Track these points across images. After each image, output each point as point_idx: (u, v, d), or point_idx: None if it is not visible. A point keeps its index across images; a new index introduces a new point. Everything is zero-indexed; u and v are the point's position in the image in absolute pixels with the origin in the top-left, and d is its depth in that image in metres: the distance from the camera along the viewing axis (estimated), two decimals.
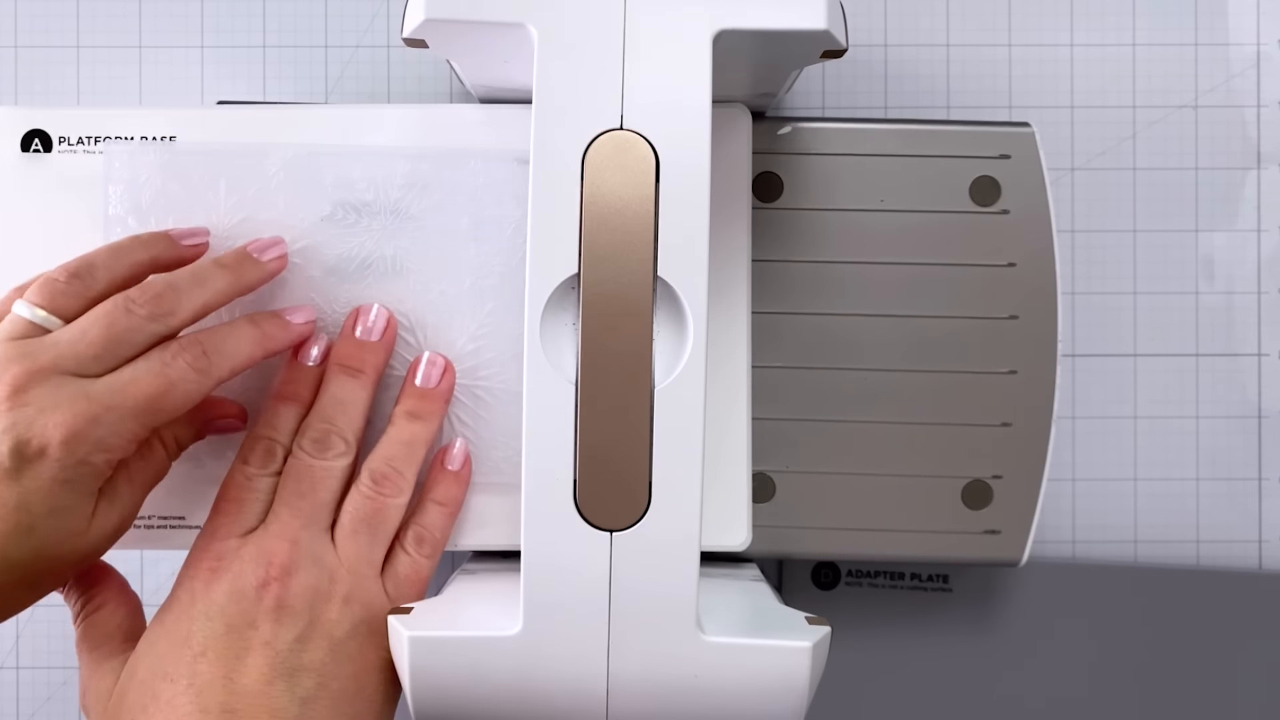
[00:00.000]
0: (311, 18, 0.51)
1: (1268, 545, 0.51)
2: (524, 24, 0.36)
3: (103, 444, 0.36)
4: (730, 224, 0.44)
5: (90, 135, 0.43)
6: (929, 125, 0.46)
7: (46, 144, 0.44)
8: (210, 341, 0.39)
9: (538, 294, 0.36)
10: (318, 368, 0.42)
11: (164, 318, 0.38)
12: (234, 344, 0.40)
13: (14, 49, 0.51)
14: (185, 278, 0.40)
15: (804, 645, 0.36)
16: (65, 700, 0.51)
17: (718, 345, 0.43)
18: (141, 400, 0.37)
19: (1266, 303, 0.51)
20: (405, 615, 0.38)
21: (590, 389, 0.36)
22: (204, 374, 0.38)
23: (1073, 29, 0.51)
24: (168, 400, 0.37)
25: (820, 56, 0.38)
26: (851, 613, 0.50)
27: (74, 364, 0.37)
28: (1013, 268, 0.46)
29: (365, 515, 0.40)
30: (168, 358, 0.38)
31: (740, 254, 0.44)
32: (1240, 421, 0.51)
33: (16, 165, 0.44)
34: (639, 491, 0.36)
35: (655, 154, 0.36)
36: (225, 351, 0.39)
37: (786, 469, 0.46)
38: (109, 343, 0.37)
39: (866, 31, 0.51)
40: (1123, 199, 0.51)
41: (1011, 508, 0.45)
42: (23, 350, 0.37)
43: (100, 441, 0.36)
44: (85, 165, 0.43)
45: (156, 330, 0.38)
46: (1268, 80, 0.51)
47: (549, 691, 0.36)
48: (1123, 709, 0.50)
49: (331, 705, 0.37)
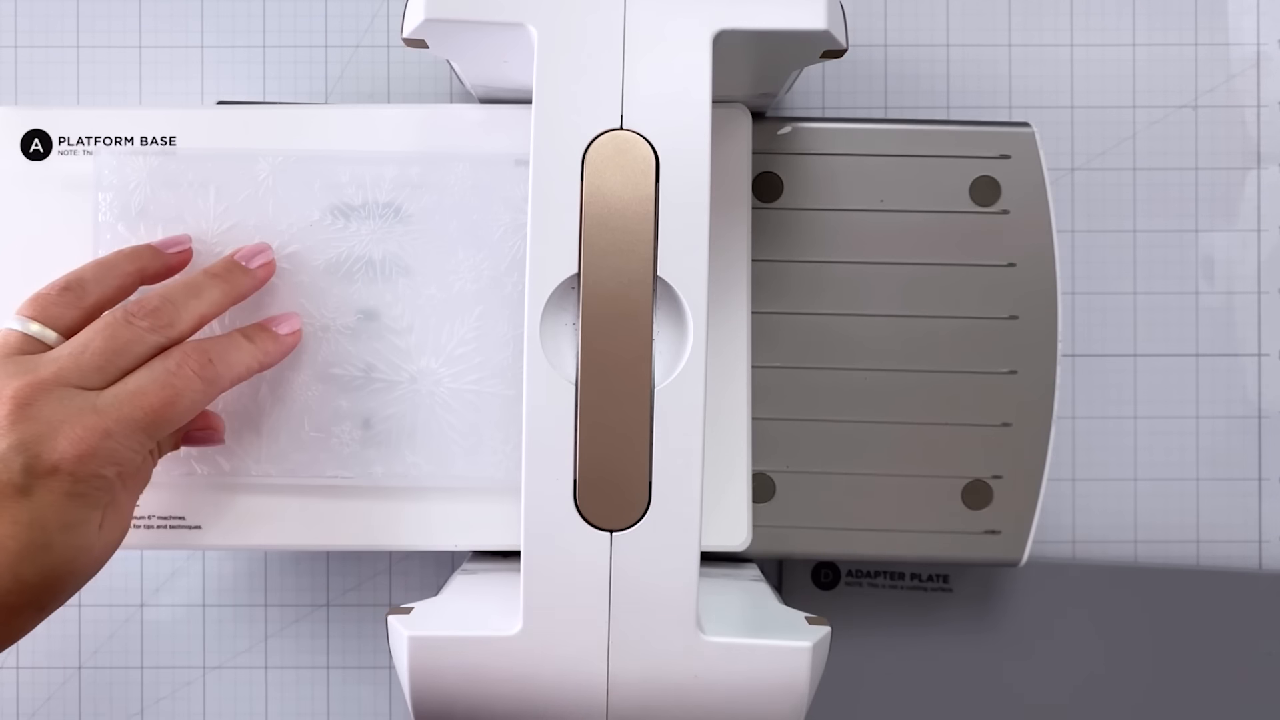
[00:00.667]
0: (311, 18, 0.51)
1: (1268, 545, 0.51)
2: (524, 24, 0.36)
3: (114, 457, 0.36)
4: (730, 224, 0.44)
5: (90, 136, 0.43)
6: (929, 125, 0.46)
7: (46, 144, 0.44)
8: (214, 350, 0.39)
9: (538, 294, 0.36)
10: None
11: (164, 329, 0.38)
12: (235, 355, 0.40)
13: (14, 49, 0.51)
14: (180, 290, 0.39)
15: (804, 645, 0.36)
16: (65, 700, 0.51)
17: (718, 345, 0.43)
18: (150, 411, 0.37)
19: (1266, 303, 0.51)
20: (405, 615, 0.38)
21: (590, 389, 0.36)
22: (210, 383, 0.38)
23: (1073, 29, 0.51)
24: (175, 410, 0.37)
25: (820, 56, 0.38)
26: (851, 613, 0.50)
27: (77, 377, 0.36)
28: (1013, 268, 0.46)
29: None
30: (172, 366, 0.38)
31: (740, 254, 0.44)
32: (1240, 421, 0.51)
33: (16, 166, 0.44)
34: (639, 491, 0.35)
35: (655, 154, 0.36)
36: (229, 361, 0.39)
37: (786, 469, 0.46)
38: (111, 354, 0.37)
39: (866, 31, 0.51)
40: (1123, 199, 0.51)
41: (1011, 508, 0.45)
42: (23, 365, 0.36)
43: (112, 454, 0.36)
44: (85, 166, 0.43)
45: (158, 342, 0.38)
46: (1268, 80, 0.51)
47: (549, 691, 0.36)
48: (1123, 709, 0.50)
49: None
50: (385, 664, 0.51)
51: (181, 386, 0.37)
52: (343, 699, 0.51)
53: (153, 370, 0.37)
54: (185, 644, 0.51)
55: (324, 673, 0.51)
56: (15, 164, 0.44)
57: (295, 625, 0.51)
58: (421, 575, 0.51)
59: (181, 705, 0.51)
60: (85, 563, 0.36)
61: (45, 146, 0.44)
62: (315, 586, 0.51)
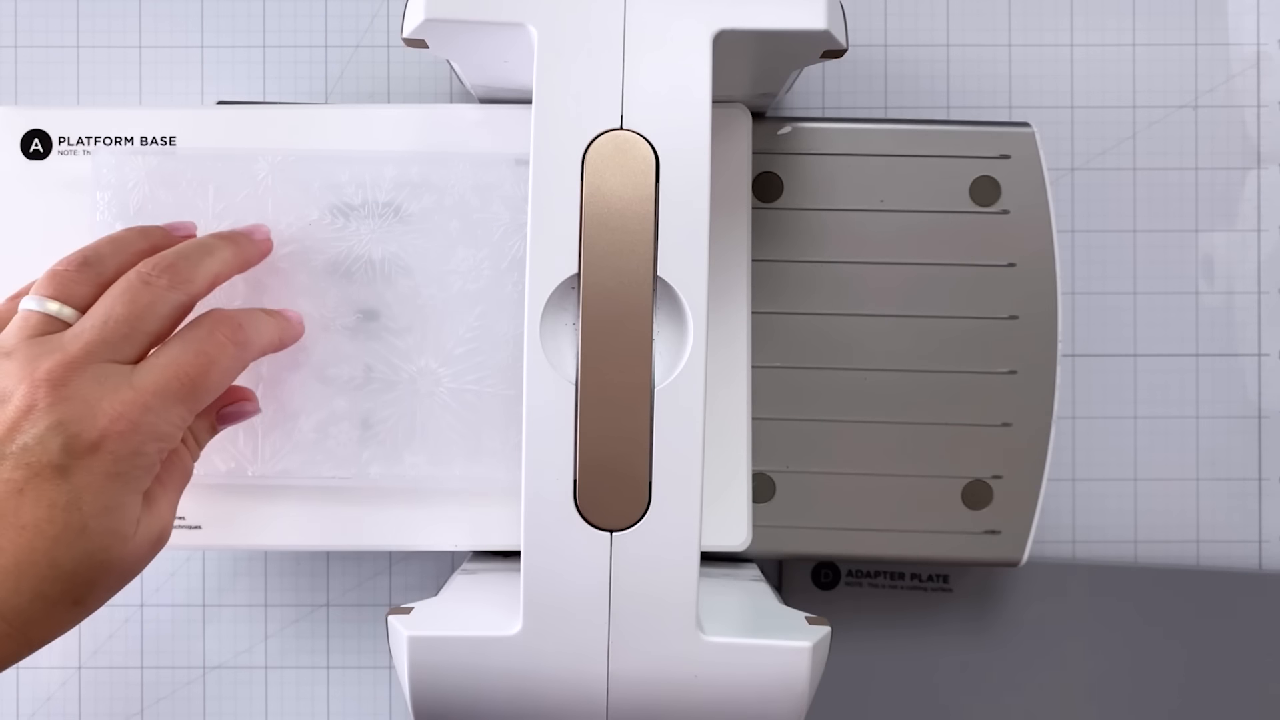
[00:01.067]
0: (311, 18, 0.51)
1: (1268, 545, 0.51)
2: (524, 24, 0.36)
3: (155, 431, 0.35)
4: (730, 224, 0.44)
5: (90, 135, 0.43)
6: (929, 125, 0.46)
7: (46, 144, 0.44)
8: (242, 317, 0.38)
9: (538, 294, 0.36)
10: None
11: (184, 285, 0.37)
12: (263, 324, 0.39)
13: (14, 49, 0.51)
14: (192, 248, 0.39)
15: (804, 645, 0.36)
16: (65, 700, 0.51)
17: (718, 345, 0.43)
18: (187, 381, 0.36)
19: (1266, 303, 0.51)
20: (405, 615, 0.38)
21: (590, 389, 0.36)
22: (243, 347, 0.38)
23: (1073, 29, 0.51)
24: (210, 378, 0.37)
25: (820, 56, 0.38)
26: (851, 613, 0.50)
27: (107, 350, 0.35)
28: (1013, 268, 0.46)
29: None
30: (203, 334, 0.37)
31: (740, 254, 0.44)
32: (1240, 421, 0.51)
33: (16, 166, 0.44)
34: (639, 491, 0.35)
35: (655, 154, 0.36)
36: (258, 328, 0.39)
37: (786, 469, 0.46)
38: (135, 320, 0.36)
39: (866, 31, 0.51)
40: (1123, 199, 0.51)
41: (1011, 508, 0.45)
42: (49, 345, 0.35)
43: (153, 429, 0.35)
44: (85, 166, 0.43)
45: (178, 300, 0.37)
46: (1268, 80, 0.51)
47: (549, 691, 0.36)
48: (1123, 709, 0.50)
49: None
50: (385, 664, 0.51)
51: (215, 353, 0.37)
52: (343, 699, 0.51)
53: (184, 339, 0.37)
54: (185, 644, 0.51)
55: (324, 673, 0.51)
56: (15, 164, 0.44)
57: (295, 625, 0.51)
58: (421, 575, 0.51)
59: (181, 705, 0.51)
60: (122, 555, 0.35)
61: (45, 146, 0.44)
62: (315, 586, 0.51)
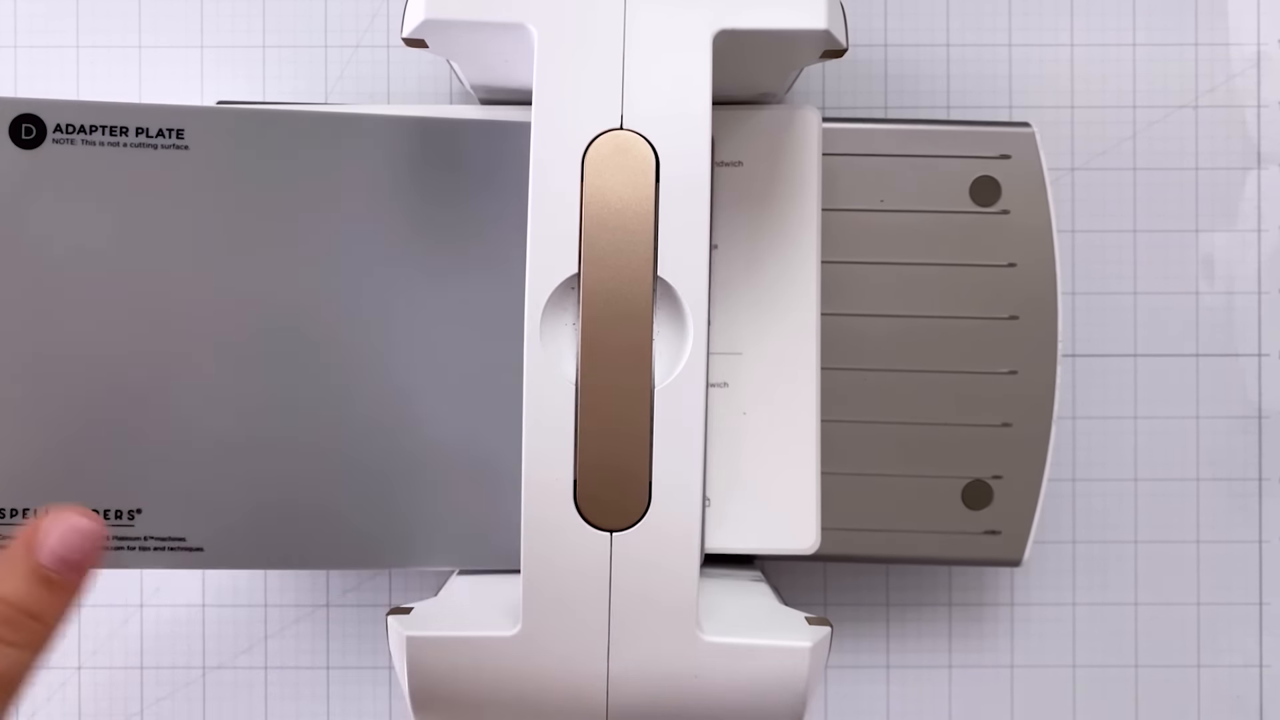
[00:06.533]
0: (311, 18, 0.51)
1: (1268, 545, 0.51)
2: (524, 24, 0.36)
3: None
4: (799, 226, 0.43)
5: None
6: (929, 125, 0.46)
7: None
8: (15, 602, 0.32)
9: (538, 294, 0.36)
10: None
11: None
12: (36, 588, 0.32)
13: (14, 49, 0.51)
14: None
15: (804, 645, 0.36)
16: (65, 700, 0.51)
17: (787, 348, 0.43)
18: None
19: (1266, 303, 0.51)
20: (405, 615, 0.38)
21: (590, 389, 0.36)
22: (27, 647, 0.32)
23: (1073, 29, 0.51)
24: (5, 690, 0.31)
25: (820, 56, 0.38)
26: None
27: None
28: (1013, 268, 0.46)
29: None
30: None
31: (809, 256, 0.43)
32: (1240, 421, 0.51)
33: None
34: (639, 491, 0.35)
35: (655, 154, 0.36)
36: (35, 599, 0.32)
37: None
38: None
39: (866, 31, 0.51)
40: (1123, 199, 0.51)
41: (1011, 508, 0.45)
42: None
43: None
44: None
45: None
46: (1268, 80, 0.51)
47: (549, 692, 0.36)
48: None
49: None
50: (385, 664, 0.51)
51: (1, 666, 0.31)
52: (343, 699, 0.51)
53: None
54: (185, 644, 0.51)
55: (324, 673, 0.51)
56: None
57: (295, 625, 0.51)
58: (421, 575, 0.51)
59: (181, 705, 0.51)
60: None
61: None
62: (315, 586, 0.51)
